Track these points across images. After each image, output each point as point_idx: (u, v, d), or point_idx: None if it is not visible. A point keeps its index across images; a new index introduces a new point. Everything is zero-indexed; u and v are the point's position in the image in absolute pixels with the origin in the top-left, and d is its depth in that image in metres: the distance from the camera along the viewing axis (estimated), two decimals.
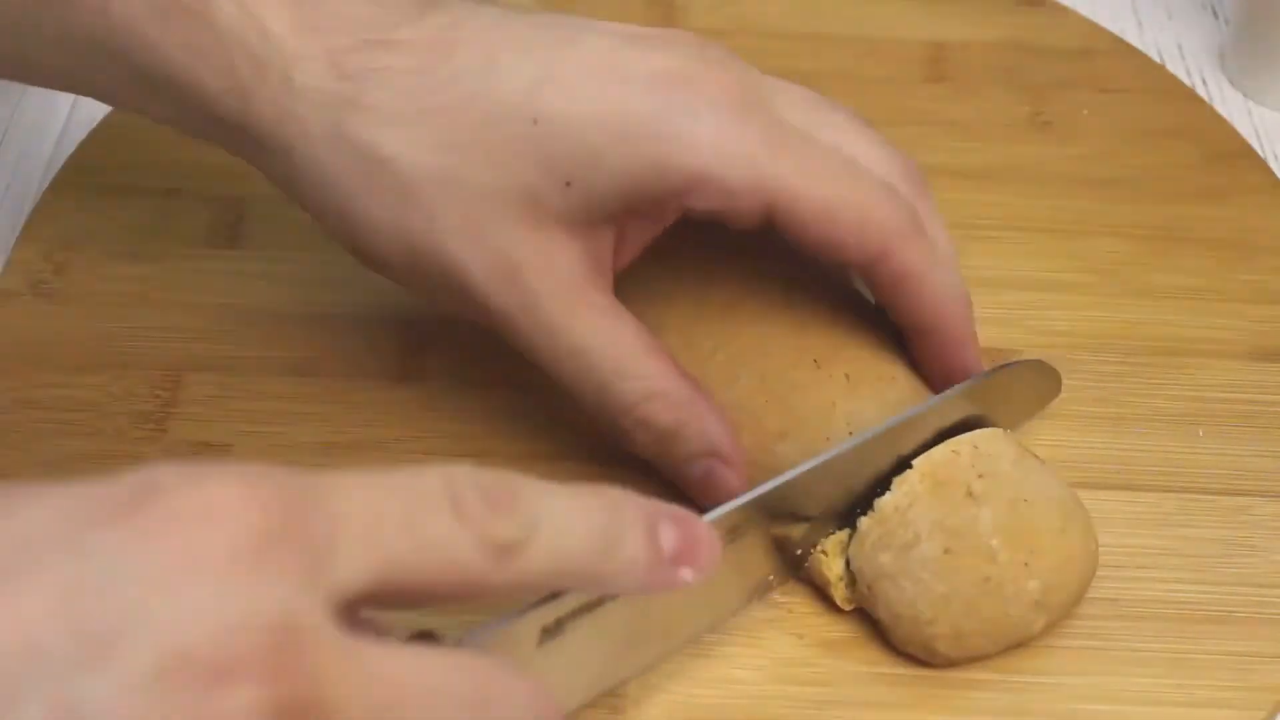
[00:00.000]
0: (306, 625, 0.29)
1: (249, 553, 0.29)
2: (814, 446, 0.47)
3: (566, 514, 0.35)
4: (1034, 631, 0.46)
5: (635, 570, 0.36)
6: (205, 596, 0.28)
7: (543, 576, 0.35)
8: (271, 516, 0.29)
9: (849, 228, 0.45)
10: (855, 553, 0.46)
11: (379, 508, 0.32)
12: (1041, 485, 0.47)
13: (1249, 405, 0.54)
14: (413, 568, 0.32)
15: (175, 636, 0.27)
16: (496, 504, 0.33)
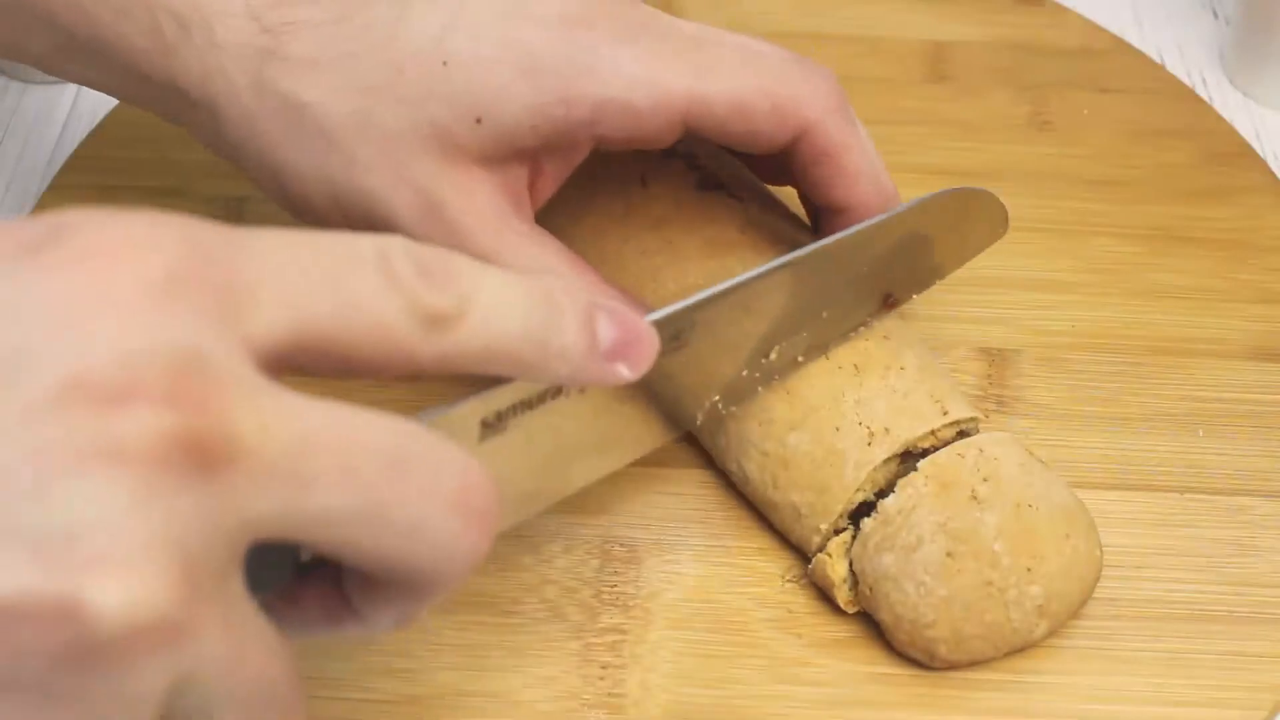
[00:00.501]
0: (215, 360, 0.28)
1: (158, 289, 0.28)
2: (824, 436, 0.47)
3: (503, 294, 0.34)
4: (1035, 637, 0.46)
5: (570, 359, 0.36)
6: (110, 326, 0.27)
7: (475, 355, 0.33)
8: (184, 257, 0.29)
9: (763, 114, 0.46)
10: (858, 554, 0.46)
11: (303, 262, 0.31)
12: (1046, 490, 0.46)
13: (1249, 405, 0.54)
14: (335, 328, 0.31)
15: (76, 362, 0.27)
16: (430, 274, 0.32)
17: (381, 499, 0.30)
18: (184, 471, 0.27)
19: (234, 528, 0.28)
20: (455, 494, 0.31)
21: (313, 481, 0.29)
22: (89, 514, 0.26)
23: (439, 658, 0.47)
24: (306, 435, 0.29)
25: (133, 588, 0.26)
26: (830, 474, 0.47)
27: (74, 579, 0.26)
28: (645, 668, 0.47)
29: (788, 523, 0.48)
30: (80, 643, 0.26)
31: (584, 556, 0.49)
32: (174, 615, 0.27)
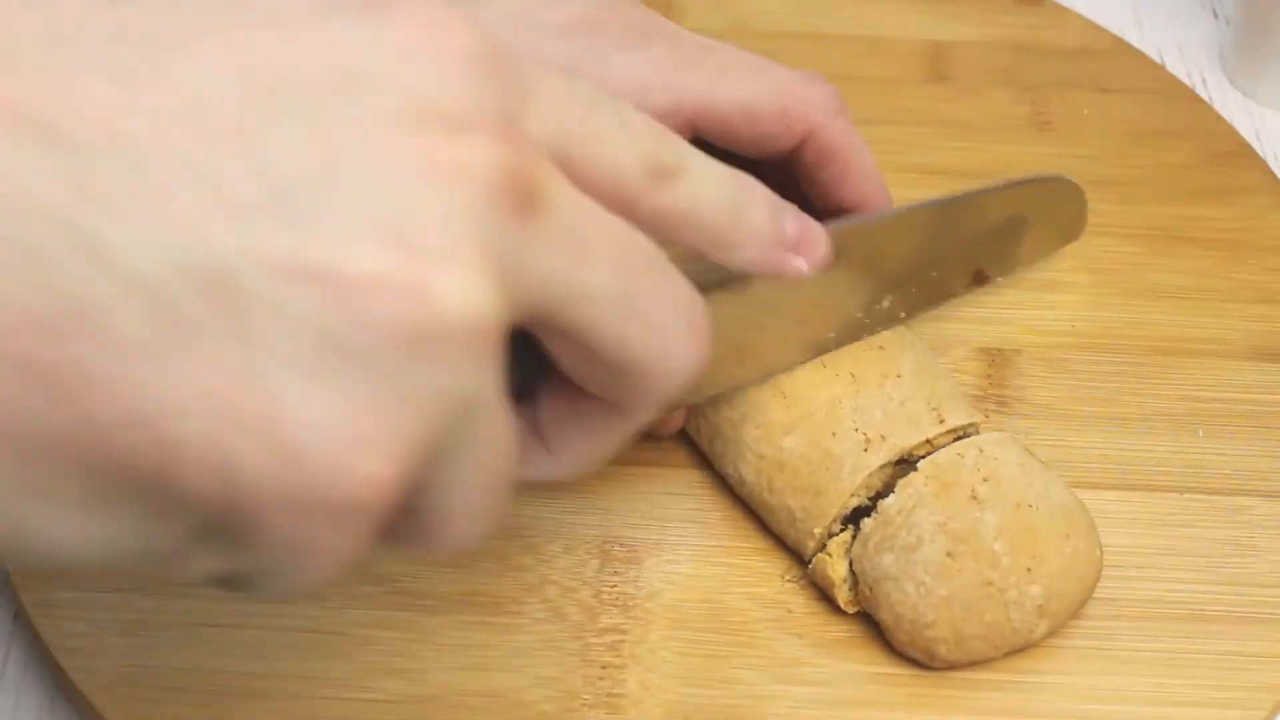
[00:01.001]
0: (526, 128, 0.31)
1: (478, 59, 0.30)
2: (820, 440, 0.47)
3: (711, 169, 0.37)
4: (1035, 637, 0.46)
5: (757, 241, 0.38)
6: (442, 75, 0.29)
7: (683, 215, 0.36)
8: (490, 46, 0.31)
9: (771, 117, 0.48)
10: (858, 554, 0.46)
11: (568, 88, 0.33)
12: (1046, 490, 0.47)
13: (1249, 405, 0.54)
14: (582, 154, 0.33)
15: (426, 96, 0.29)
16: (658, 134, 0.35)
17: (638, 287, 0.33)
18: (508, 206, 0.29)
19: (528, 275, 0.30)
20: (687, 307, 0.34)
21: (590, 255, 0.31)
22: (437, 214, 0.28)
23: (439, 658, 0.47)
24: (590, 215, 0.32)
25: (470, 285, 0.28)
26: (826, 478, 0.47)
27: (426, 269, 0.28)
28: (645, 668, 0.47)
29: (783, 526, 0.48)
30: (421, 325, 0.27)
31: (584, 556, 0.49)
32: (491, 324, 0.29)
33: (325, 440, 0.27)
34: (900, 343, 0.50)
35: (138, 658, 0.47)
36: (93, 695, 0.46)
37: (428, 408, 0.28)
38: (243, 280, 0.27)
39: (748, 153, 0.49)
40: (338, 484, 0.27)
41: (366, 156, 0.28)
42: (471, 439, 0.30)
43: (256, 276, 0.27)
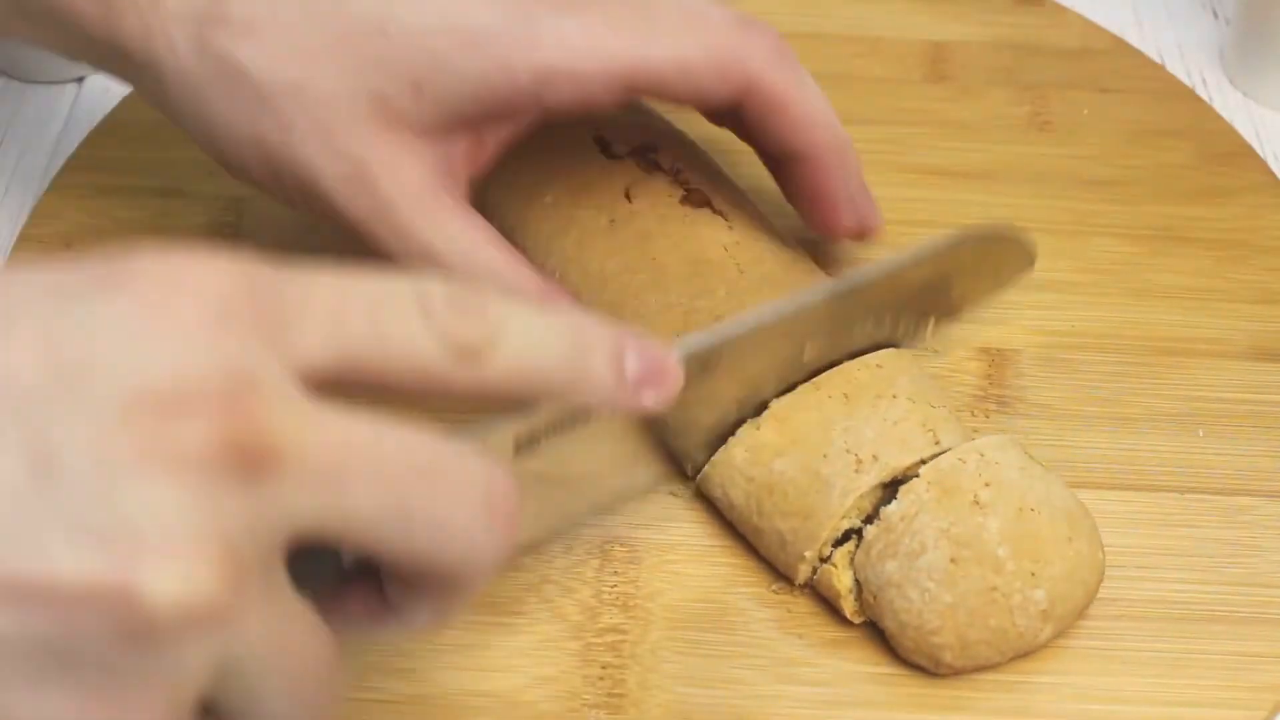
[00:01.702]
0: (264, 379, 0.31)
1: (215, 316, 0.31)
2: (811, 463, 0.47)
3: (533, 328, 0.36)
4: (1040, 641, 0.46)
5: (597, 391, 0.37)
6: (171, 347, 0.30)
7: (505, 385, 0.35)
8: (238, 288, 0.31)
9: (707, 72, 0.47)
10: (861, 561, 0.46)
11: (344, 296, 0.33)
12: (1048, 493, 0.46)
13: (1249, 405, 0.54)
14: (374, 356, 0.33)
15: (141, 376, 0.29)
16: (463, 308, 0.34)
17: (411, 501, 0.32)
18: (233, 476, 0.29)
19: (276, 526, 0.31)
20: (480, 497, 0.33)
21: (348, 484, 0.31)
22: (148, 512, 0.29)
23: (440, 658, 0.47)
24: (343, 444, 0.31)
25: (184, 576, 0.29)
26: (815, 501, 0.47)
27: (133, 568, 0.28)
28: (645, 668, 0.47)
29: (773, 550, 0.48)
30: (136, 624, 0.28)
31: (584, 556, 0.49)
32: (220, 600, 0.29)
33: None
34: (897, 363, 0.50)
35: None
36: None
37: (166, 687, 0.29)
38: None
39: (691, 107, 0.49)
40: None
41: (77, 456, 0.28)
42: (252, 670, 0.31)
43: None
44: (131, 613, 0.28)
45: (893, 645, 0.46)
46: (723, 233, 0.53)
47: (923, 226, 0.60)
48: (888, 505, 0.46)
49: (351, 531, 0.32)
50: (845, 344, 0.49)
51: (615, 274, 0.52)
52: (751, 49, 0.48)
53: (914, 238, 0.59)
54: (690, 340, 0.44)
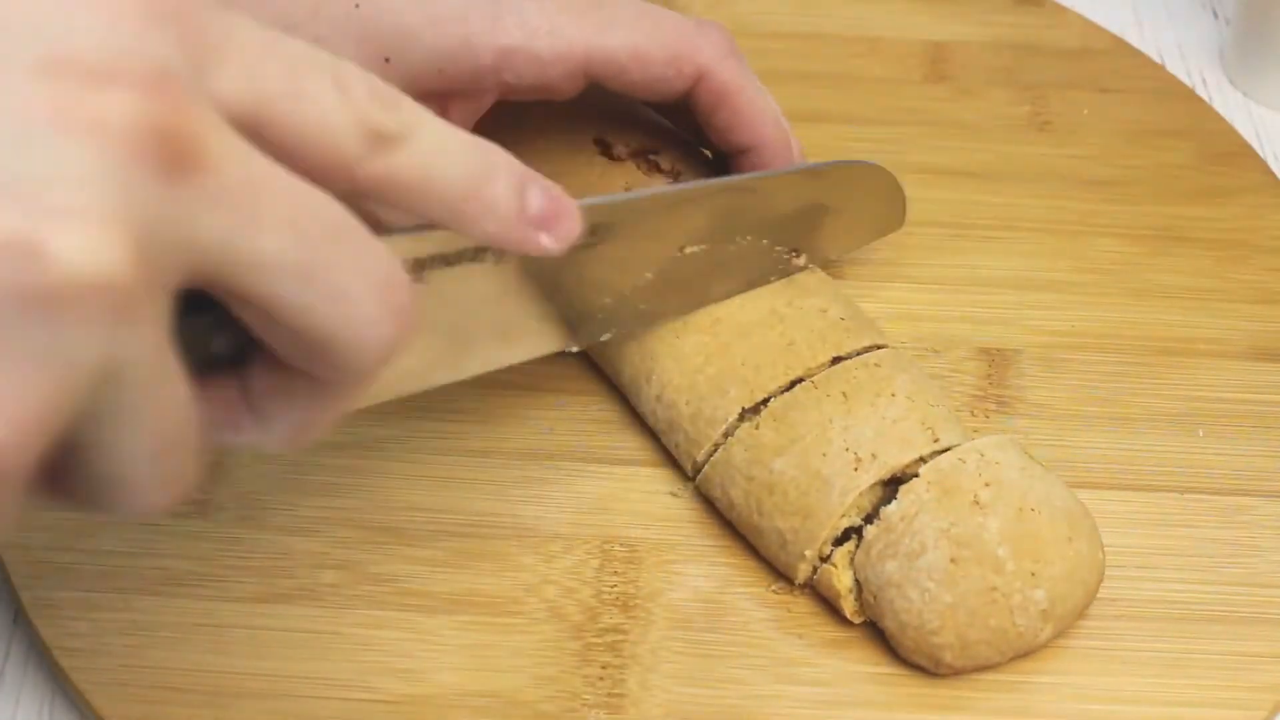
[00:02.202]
0: (188, 84, 0.30)
1: (149, 11, 0.30)
2: (810, 462, 0.47)
3: (444, 136, 0.36)
4: (1040, 641, 0.46)
5: (498, 215, 0.37)
6: (97, 21, 0.29)
7: (408, 185, 0.35)
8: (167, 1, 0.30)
9: (662, 61, 0.50)
10: (861, 561, 0.46)
11: (266, 48, 0.32)
12: (1048, 494, 0.46)
13: (1249, 405, 0.54)
14: (285, 114, 0.32)
15: (64, 41, 0.28)
16: (380, 97, 0.34)
17: (317, 258, 0.31)
18: (153, 163, 0.28)
19: (183, 239, 0.29)
20: (380, 279, 0.33)
21: (261, 219, 0.30)
22: (63, 170, 0.27)
23: (439, 658, 0.47)
24: (263, 177, 0.31)
25: (91, 244, 0.27)
26: (815, 499, 0.47)
27: (41, 224, 0.27)
28: (645, 668, 0.47)
29: (773, 549, 0.48)
30: (36, 283, 0.27)
31: (584, 556, 0.49)
32: (121, 284, 0.28)
33: None
34: (896, 362, 0.50)
35: (138, 658, 0.46)
36: (93, 695, 0.46)
37: (54, 370, 0.28)
38: None
39: (642, 96, 0.51)
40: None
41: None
42: (128, 403, 0.29)
43: None
44: (36, 270, 0.27)
45: (893, 645, 0.46)
46: None
47: (923, 226, 0.60)
48: (888, 505, 0.46)
49: (249, 275, 0.31)
50: (724, 254, 0.51)
51: None
52: (704, 43, 0.50)
53: (914, 237, 0.60)
54: (585, 200, 0.43)
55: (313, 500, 0.51)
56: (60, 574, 0.48)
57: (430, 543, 0.50)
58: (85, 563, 0.49)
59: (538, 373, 0.54)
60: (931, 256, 0.59)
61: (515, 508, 0.51)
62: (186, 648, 0.47)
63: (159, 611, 0.48)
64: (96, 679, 0.46)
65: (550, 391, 0.54)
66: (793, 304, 0.51)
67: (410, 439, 0.52)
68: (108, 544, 0.49)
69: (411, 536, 0.50)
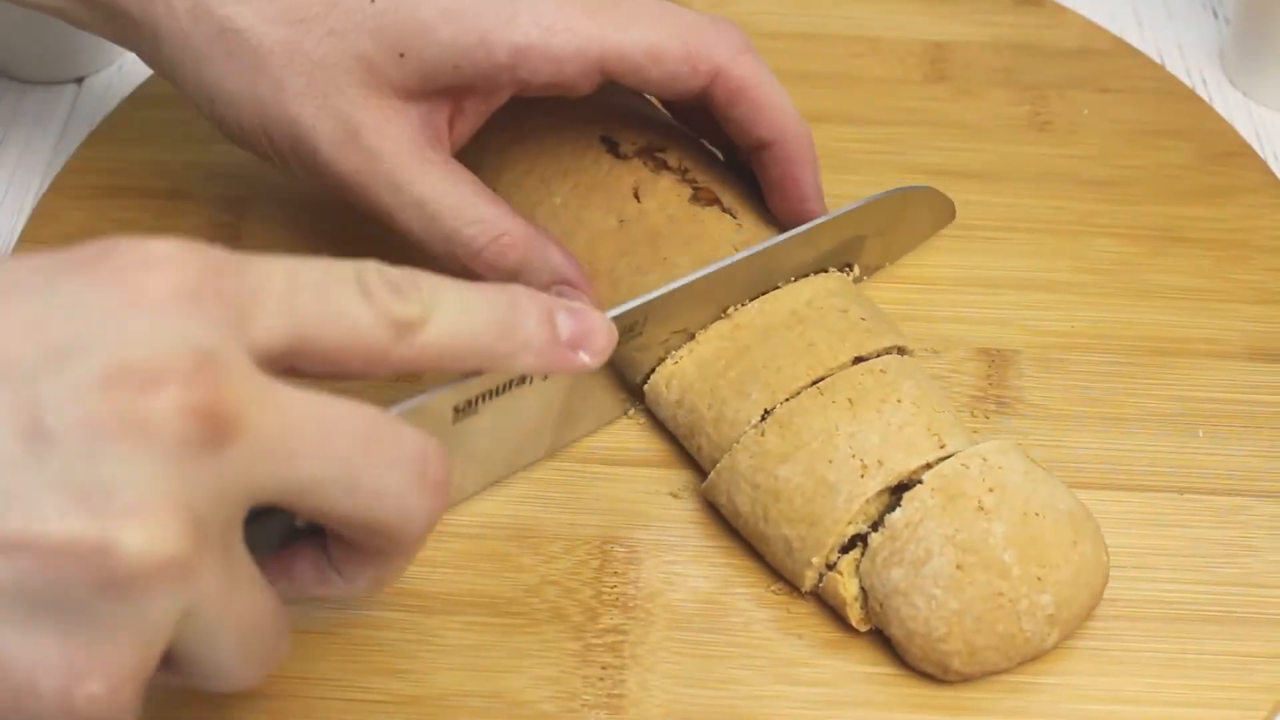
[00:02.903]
0: (227, 357, 0.34)
1: (184, 296, 0.34)
2: (816, 468, 0.47)
3: (466, 300, 0.40)
4: (1048, 646, 0.46)
5: (533, 351, 0.41)
6: (145, 325, 0.34)
7: (441, 353, 0.39)
8: (205, 270, 0.35)
9: (678, 59, 0.50)
10: (866, 569, 0.46)
11: (296, 280, 0.36)
12: (1052, 497, 0.46)
13: (1247, 405, 0.54)
14: (321, 334, 0.37)
15: (119, 352, 0.33)
16: (399, 288, 0.38)
17: (353, 468, 0.36)
18: (199, 445, 0.33)
19: (235, 493, 0.34)
20: (414, 464, 0.37)
21: (298, 455, 0.35)
22: (124, 477, 0.32)
23: (440, 658, 0.47)
24: (294, 418, 0.35)
25: (154, 534, 0.32)
26: (822, 506, 0.47)
27: (110, 525, 0.32)
28: (645, 668, 0.47)
29: (779, 557, 0.48)
30: (112, 575, 0.32)
31: (584, 557, 0.49)
32: (183, 557, 0.33)
33: (46, 673, 0.33)
34: (901, 368, 0.50)
35: None
36: None
37: (137, 633, 0.33)
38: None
39: (660, 94, 0.52)
40: (65, 706, 0.33)
41: (63, 425, 0.32)
42: (205, 625, 0.35)
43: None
44: (107, 564, 0.32)
45: (900, 653, 0.46)
46: (732, 231, 0.53)
47: None
48: (892, 512, 0.46)
49: (300, 498, 0.35)
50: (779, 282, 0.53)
51: (626, 274, 0.52)
52: (719, 40, 0.50)
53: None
54: (618, 307, 0.48)
55: None
56: None
57: (430, 543, 0.49)
58: None
59: None
60: (931, 256, 0.59)
61: (515, 508, 0.51)
62: None
63: None
64: None
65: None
66: (812, 305, 0.51)
67: None
68: None
69: None
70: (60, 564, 0.32)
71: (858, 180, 0.61)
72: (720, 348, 0.51)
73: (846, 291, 0.53)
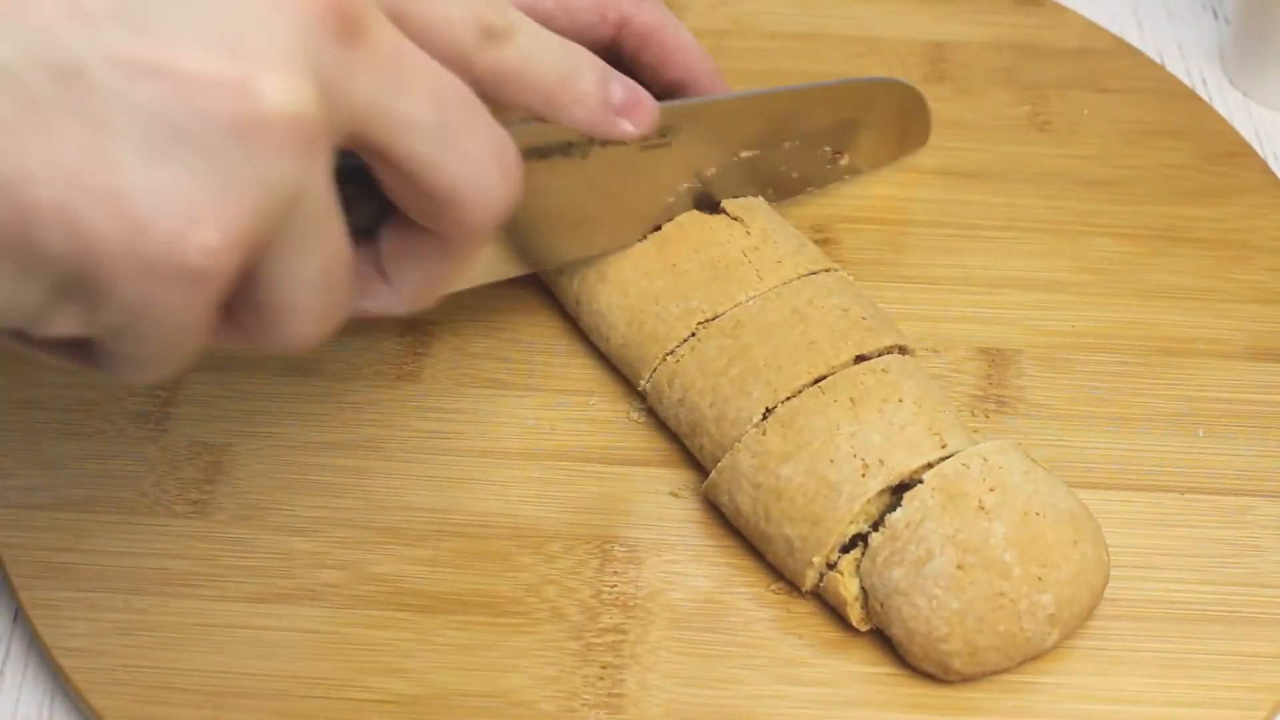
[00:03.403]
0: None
1: None
2: (818, 468, 0.47)
3: (542, 36, 0.43)
4: (1048, 646, 0.46)
5: (586, 105, 0.44)
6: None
7: (512, 77, 0.42)
8: None
9: (588, 8, 0.53)
10: (867, 569, 0.46)
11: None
12: (1053, 497, 0.46)
13: (1249, 405, 0.54)
14: (420, 11, 0.39)
15: None
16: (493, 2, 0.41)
17: (452, 122, 0.38)
18: (329, 29, 0.34)
19: (350, 95, 0.35)
20: (499, 148, 0.39)
21: (407, 86, 0.36)
22: (264, 30, 0.33)
23: (440, 658, 0.47)
24: (411, 55, 0.37)
25: (288, 85, 0.33)
26: (823, 506, 0.47)
27: (253, 69, 0.33)
28: (645, 668, 0.47)
29: (780, 556, 0.48)
30: (249, 117, 0.33)
31: (584, 556, 0.49)
32: (309, 120, 0.33)
33: (165, 211, 0.32)
34: (903, 368, 0.50)
35: (138, 658, 0.46)
36: (93, 695, 0.46)
37: (256, 190, 0.33)
38: (91, 73, 0.32)
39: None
40: (176, 249, 0.32)
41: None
42: (303, 233, 0.35)
43: (103, 70, 0.32)
44: (245, 105, 0.32)
45: (901, 653, 0.46)
46: (741, 237, 0.53)
47: (923, 226, 0.60)
48: (893, 512, 0.46)
49: (394, 135, 0.36)
50: (775, 156, 0.57)
51: (634, 280, 0.52)
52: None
53: (914, 237, 0.60)
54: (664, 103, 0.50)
55: (313, 500, 0.51)
56: (60, 574, 0.48)
57: (430, 543, 0.50)
58: (85, 563, 0.49)
59: (538, 373, 0.54)
60: (931, 256, 0.59)
61: (515, 508, 0.51)
62: (186, 648, 0.47)
63: (159, 611, 0.48)
64: (96, 679, 0.46)
65: (550, 391, 0.54)
66: (814, 304, 0.51)
67: (410, 439, 0.52)
68: (108, 544, 0.49)
69: (411, 536, 0.50)
70: (198, 95, 0.32)
71: (858, 180, 0.61)
72: (722, 346, 0.51)
73: (847, 290, 0.53)
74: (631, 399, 0.54)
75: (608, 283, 0.53)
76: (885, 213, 0.61)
